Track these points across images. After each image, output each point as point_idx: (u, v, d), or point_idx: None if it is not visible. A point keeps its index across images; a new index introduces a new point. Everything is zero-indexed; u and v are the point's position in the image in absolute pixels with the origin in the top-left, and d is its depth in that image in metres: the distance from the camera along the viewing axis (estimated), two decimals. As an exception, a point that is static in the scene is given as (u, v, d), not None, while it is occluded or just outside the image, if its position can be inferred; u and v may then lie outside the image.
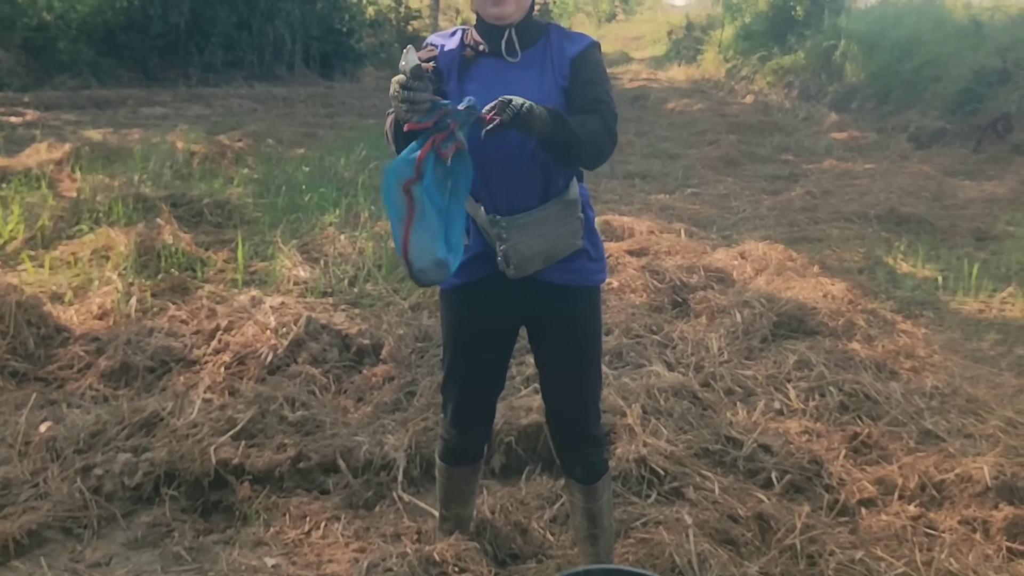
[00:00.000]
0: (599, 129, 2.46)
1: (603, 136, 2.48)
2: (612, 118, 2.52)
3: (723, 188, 10.58)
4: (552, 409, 2.88)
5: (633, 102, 20.18)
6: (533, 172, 2.53)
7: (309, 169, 9.64)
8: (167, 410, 4.04)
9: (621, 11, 58.89)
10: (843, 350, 5.07)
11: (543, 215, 2.54)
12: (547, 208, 2.56)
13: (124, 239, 6.20)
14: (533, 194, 2.56)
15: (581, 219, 2.61)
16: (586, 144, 2.43)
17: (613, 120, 2.52)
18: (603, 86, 2.57)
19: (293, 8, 21.59)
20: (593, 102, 2.52)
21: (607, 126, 2.49)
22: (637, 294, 5.96)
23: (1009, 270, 7.01)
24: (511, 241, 2.52)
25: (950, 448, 3.96)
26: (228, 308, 5.23)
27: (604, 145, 2.50)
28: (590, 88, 2.54)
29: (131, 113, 14.82)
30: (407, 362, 4.80)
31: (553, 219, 2.56)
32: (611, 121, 2.51)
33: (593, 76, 2.57)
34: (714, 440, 3.99)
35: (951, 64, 15.50)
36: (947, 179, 10.81)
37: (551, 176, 2.57)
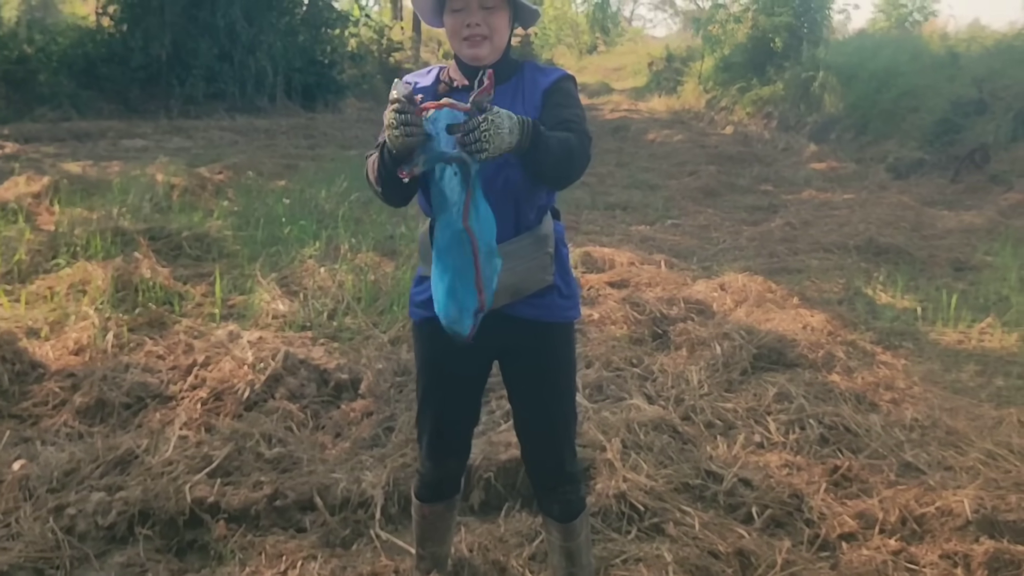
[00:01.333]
0: (574, 144, 2.43)
1: (577, 152, 2.45)
2: (584, 138, 2.49)
3: (703, 219, 10.61)
4: (526, 447, 2.86)
5: (614, 133, 20.27)
6: (504, 205, 2.51)
7: (289, 201, 9.61)
8: (142, 447, 4.00)
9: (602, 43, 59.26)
10: (823, 382, 5.06)
11: (512, 248, 2.53)
12: (517, 241, 2.55)
13: (101, 273, 6.15)
14: (505, 226, 2.53)
15: (551, 254, 2.61)
16: (559, 154, 2.39)
17: (586, 140, 2.49)
18: (574, 110, 2.56)
19: (275, 40, 21.62)
20: (562, 123, 2.49)
21: (580, 144, 2.46)
22: (617, 326, 5.95)
23: (988, 301, 7.03)
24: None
25: (930, 481, 3.95)
26: (205, 343, 5.19)
27: (577, 162, 2.47)
28: (560, 111, 2.53)
29: (111, 145, 14.77)
30: (386, 397, 4.77)
31: (522, 253, 2.55)
32: (584, 141, 2.48)
33: (564, 101, 2.57)
34: (694, 474, 3.97)
35: (928, 95, 15.66)
36: (926, 209, 10.88)
37: (522, 209, 2.56)
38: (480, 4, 2.52)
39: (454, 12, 2.56)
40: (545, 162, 2.37)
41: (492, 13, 2.53)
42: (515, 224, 2.57)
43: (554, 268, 2.64)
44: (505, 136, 2.24)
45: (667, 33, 64.40)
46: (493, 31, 2.54)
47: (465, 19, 2.54)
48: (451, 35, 2.60)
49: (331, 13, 25.01)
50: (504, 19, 2.57)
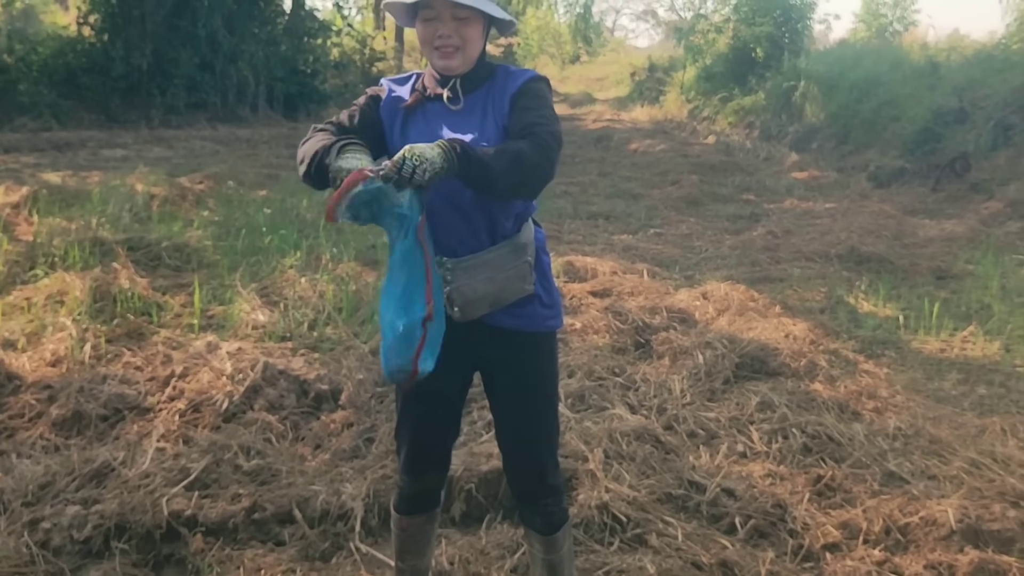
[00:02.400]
0: (524, 153, 2.33)
1: (530, 161, 2.34)
2: (550, 139, 2.39)
3: (685, 228, 10.62)
4: (507, 458, 2.82)
5: (596, 143, 20.30)
6: (477, 215, 2.49)
7: (270, 211, 9.57)
8: (119, 460, 3.94)
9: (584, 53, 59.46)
10: (805, 391, 5.05)
11: (490, 257, 2.51)
12: (495, 250, 2.52)
13: (80, 284, 6.09)
14: (480, 235, 2.52)
15: (530, 263, 2.58)
16: (502, 174, 2.30)
17: (551, 141, 2.39)
18: (541, 111, 2.48)
19: (257, 50, 21.57)
20: (526, 127, 2.42)
21: (538, 150, 2.35)
22: (600, 335, 5.93)
23: (969, 309, 7.05)
24: (456, 283, 2.49)
25: (914, 490, 3.94)
26: (184, 354, 5.14)
27: (531, 171, 2.36)
28: (524, 115, 2.47)
29: (91, 155, 14.69)
30: (366, 408, 4.73)
31: (500, 262, 2.52)
32: (546, 142, 2.38)
33: (530, 104, 2.50)
34: (677, 485, 3.95)
35: (909, 104, 15.74)
36: (907, 218, 10.92)
37: (497, 217, 2.53)
38: (453, 15, 2.48)
39: (426, 21, 2.53)
40: (485, 179, 2.30)
41: (465, 24, 2.50)
42: (491, 234, 2.54)
43: (534, 277, 2.60)
44: (435, 159, 2.19)
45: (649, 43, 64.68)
46: (465, 42, 2.51)
47: (437, 29, 2.50)
48: (423, 43, 2.57)
49: (313, 23, 24.98)
50: (477, 30, 2.53)
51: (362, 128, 2.61)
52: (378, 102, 2.67)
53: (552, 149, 2.40)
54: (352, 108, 2.69)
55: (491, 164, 2.28)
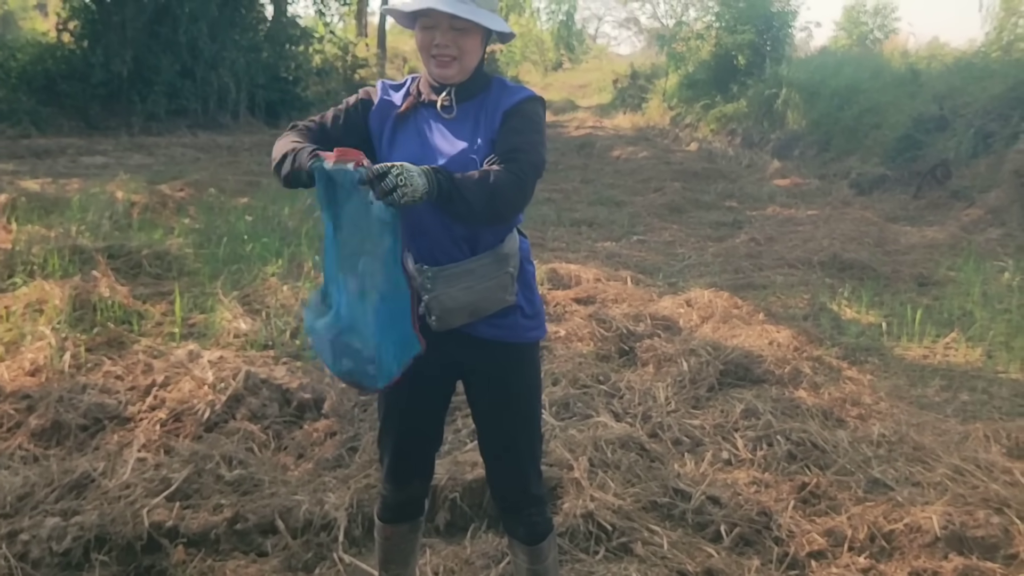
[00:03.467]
0: (503, 181, 2.33)
1: (508, 189, 2.33)
2: (528, 170, 2.39)
3: (668, 235, 10.64)
4: (489, 468, 2.80)
5: (579, 150, 20.32)
6: (456, 224, 2.47)
7: (252, 218, 9.52)
8: (99, 471, 3.90)
9: (567, 60, 59.57)
10: (790, 398, 5.05)
11: (471, 267, 2.49)
12: (476, 260, 2.50)
13: (59, 292, 6.03)
14: (461, 245, 2.50)
15: (512, 274, 2.54)
16: (478, 208, 2.30)
17: (529, 172, 2.40)
18: (528, 136, 2.46)
19: (238, 57, 21.50)
20: (510, 151, 2.41)
21: (517, 178, 2.36)
22: (584, 343, 5.92)
23: (952, 315, 7.07)
24: (434, 292, 2.47)
25: (898, 497, 3.94)
26: (165, 363, 5.09)
27: (509, 199, 2.36)
28: (512, 137, 2.45)
29: (71, 162, 14.58)
30: (349, 416, 4.70)
31: (481, 272, 2.49)
32: (526, 172, 2.38)
33: (520, 126, 2.48)
34: (662, 493, 3.93)
35: (890, 112, 15.81)
36: (889, 225, 10.96)
37: (479, 228, 2.51)
38: (451, 25, 2.46)
39: (424, 29, 2.51)
40: (461, 211, 2.30)
41: (463, 35, 2.47)
42: (471, 243, 2.51)
43: (516, 288, 2.58)
44: (418, 181, 2.19)
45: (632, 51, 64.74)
46: (463, 52, 2.49)
47: (435, 37, 2.48)
48: (420, 49, 2.55)
49: (295, 30, 24.93)
50: (475, 41, 2.51)
51: (345, 131, 2.60)
52: (368, 107, 2.64)
53: (529, 181, 2.40)
54: (338, 108, 2.67)
55: (470, 198, 2.28)
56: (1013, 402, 5.38)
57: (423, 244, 2.51)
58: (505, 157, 2.40)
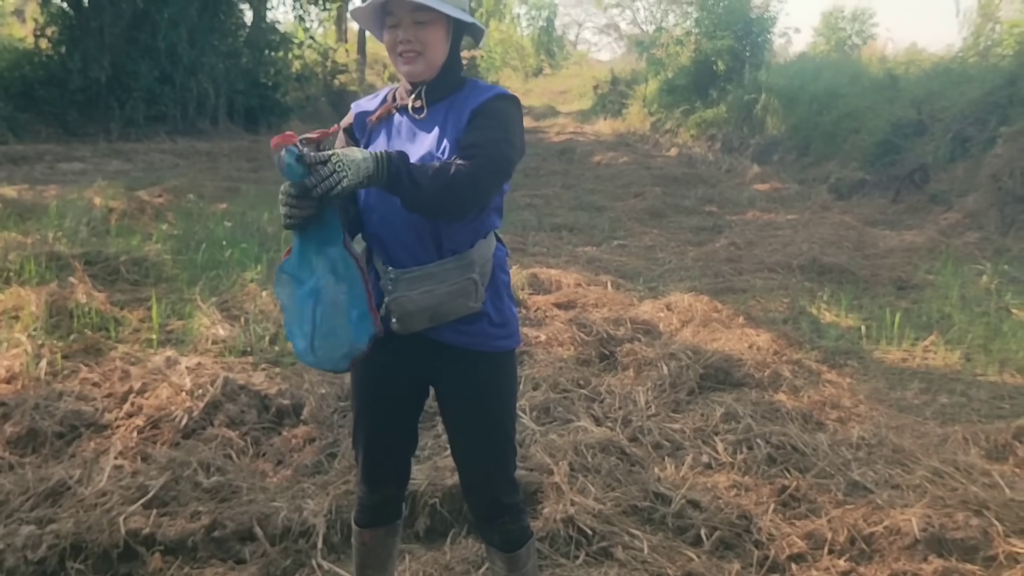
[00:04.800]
0: (458, 175, 2.31)
1: (462, 183, 2.31)
2: (486, 165, 2.37)
3: (649, 240, 10.65)
4: (461, 476, 2.79)
5: (560, 155, 20.35)
6: (424, 224, 2.45)
7: (231, 224, 9.49)
8: (75, 478, 3.86)
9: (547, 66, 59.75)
10: (769, 401, 5.06)
11: (434, 271, 2.47)
12: (440, 264, 2.48)
13: (35, 298, 5.98)
14: (427, 247, 2.48)
15: (475, 280, 2.50)
16: (431, 193, 2.29)
17: (487, 168, 2.37)
18: (490, 133, 2.44)
19: (217, 62, 21.42)
20: (471, 146, 2.40)
21: (473, 173, 2.33)
22: (564, 347, 5.92)
23: (930, 319, 7.11)
24: (395, 294, 2.46)
25: (878, 500, 3.95)
26: (142, 369, 5.06)
27: (461, 193, 2.34)
28: (475, 132, 2.44)
29: (48, 169, 14.48)
30: (329, 422, 4.68)
31: (443, 276, 2.47)
32: (484, 167, 2.36)
33: (484, 123, 2.46)
34: (642, 497, 3.92)
35: (869, 116, 15.90)
36: (867, 229, 11.00)
37: (445, 231, 2.49)
38: (412, 19, 2.47)
39: (390, 28, 2.52)
40: (413, 195, 2.30)
41: (425, 28, 2.47)
42: (438, 246, 2.49)
43: (484, 295, 2.54)
44: (360, 164, 2.20)
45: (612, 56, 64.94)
46: (426, 46, 2.48)
47: (398, 35, 2.50)
48: (388, 50, 2.56)
49: (275, 35, 24.87)
50: (439, 34, 2.50)
51: None
52: (351, 132, 2.66)
53: (484, 176, 2.38)
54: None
55: (421, 183, 2.28)
56: (991, 404, 5.41)
57: (389, 244, 2.51)
58: (464, 154, 2.39)
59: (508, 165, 2.46)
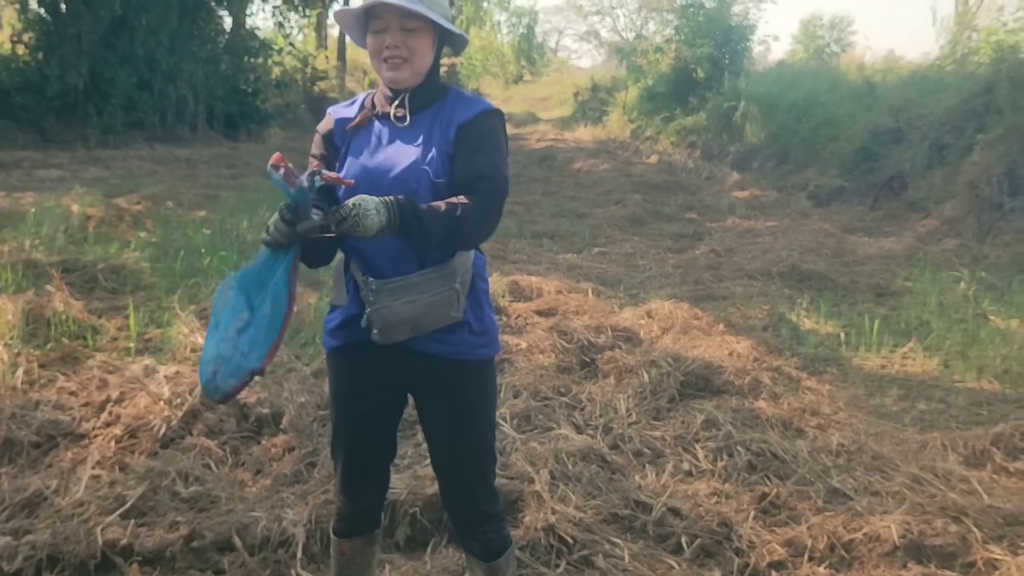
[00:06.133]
0: (468, 216, 2.35)
1: (472, 224, 2.37)
2: (494, 199, 2.43)
3: (629, 247, 10.67)
4: (440, 485, 2.79)
5: (540, 162, 20.37)
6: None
7: (210, 232, 9.42)
8: (51, 488, 3.82)
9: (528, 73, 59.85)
10: (750, 408, 5.07)
11: (416, 281, 2.45)
12: (422, 275, 2.46)
13: (12, 307, 5.92)
14: (408, 258, 2.47)
15: (458, 290, 2.49)
16: (442, 239, 2.34)
17: (496, 199, 2.43)
18: (490, 156, 2.46)
19: (196, 69, 21.34)
20: (474, 179, 2.42)
21: (482, 211, 2.38)
22: (545, 355, 5.91)
23: (909, 325, 7.14)
24: (376, 305, 2.44)
25: (857, 507, 3.96)
26: (120, 378, 5.01)
27: (471, 234, 2.41)
28: (475, 159, 2.44)
29: (25, 176, 14.33)
30: (308, 431, 4.65)
31: (425, 286, 2.45)
32: (491, 203, 2.42)
33: (480, 145, 2.47)
34: (623, 505, 3.92)
35: (847, 124, 16.00)
36: (846, 236, 11.08)
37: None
38: (400, 26, 2.46)
39: (375, 33, 2.51)
40: (425, 240, 2.32)
41: (412, 35, 2.47)
42: (420, 257, 2.48)
43: (464, 304, 2.53)
44: (373, 216, 2.21)
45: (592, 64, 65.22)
46: (413, 53, 2.48)
47: (384, 40, 2.48)
48: (372, 56, 2.55)
49: (254, 41, 24.81)
50: (426, 42, 2.50)
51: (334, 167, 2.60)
52: (330, 138, 2.64)
53: (495, 212, 2.43)
54: (315, 155, 2.66)
55: (431, 228, 2.30)
56: (969, 411, 5.44)
57: (370, 255, 2.50)
58: (471, 186, 2.40)
59: (507, 185, 2.50)
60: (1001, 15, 16.11)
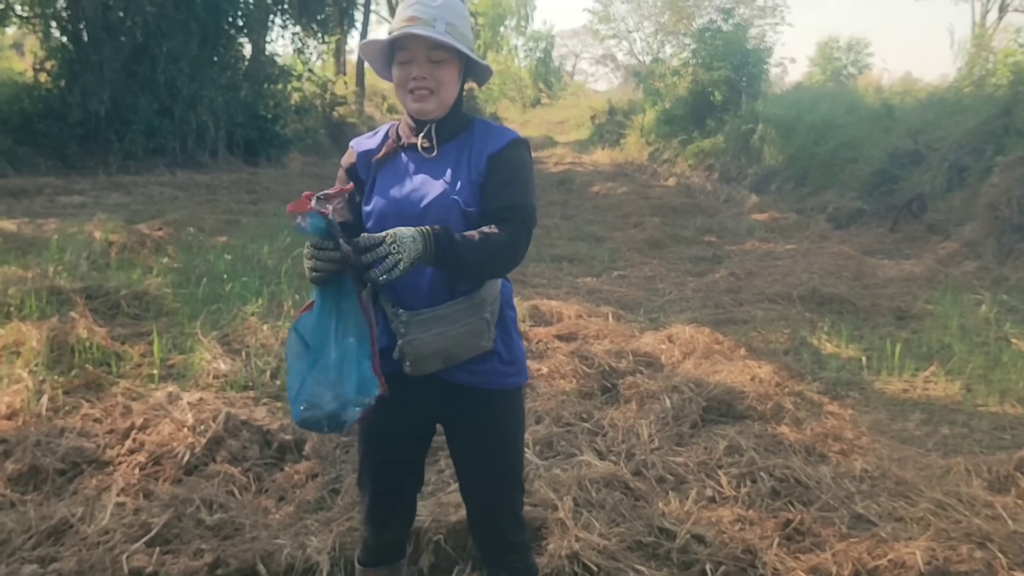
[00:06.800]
0: (500, 245, 2.38)
1: (503, 252, 2.41)
2: (524, 228, 2.46)
3: (649, 270, 10.66)
4: (469, 513, 2.80)
5: (558, 185, 20.41)
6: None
7: (231, 257, 9.48)
8: (77, 516, 3.84)
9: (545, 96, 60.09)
10: (772, 434, 5.05)
11: (446, 312, 2.46)
12: (452, 305, 2.48)
13: (36, 334, 5.97)
14: (439, 288, 2.49)
15: (488, 320, 2.51)
16: (475, 267, 2.38)
17: (525, 230, 2.46)
18: (519, 187, 2.49)
19: (217, 95, 21.52)
20: (505, 209, 2.45)
21: (513, 240, 2.42)
22: (567, 380, 5.91)
23: (930, 349, 7.11)
24: (408, 336, 2.45)
25: (882, 533, 3.93)
26: (144, 405, 5.04)
27: (502, 262, 2.45)
28: (504, 191, 2.47)
29: (48, 202, 14.47)
30: (331, 458, 4.66)
31: (455, 317, 2.46)
32: (521, 231, 2.45)
33: (510, 176, 2.49)
34: (647, 532, 3.91)
35: (865, 146, 15.98)
36: (866, 259, 11.03)
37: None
38: (427, 57, 2.48)
39: (401, 64, 2.52)
40: (459, 269, 2.36)
41: (440, 67, 2.49)
42: (450, 288, 2.50)
43: (494, 333, 2.55)
44: (411, 244, 2.23)
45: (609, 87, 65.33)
46: (440, 85, 2.50)
47: (411, 71, 2.49)
48: (397, 87, 2.56)
49: (273, 68, 24.99)
50: (452, 73, 2.52)
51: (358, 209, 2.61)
52: (354, 172, 2.65)
53: (524, 241, 2.47)
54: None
55: (466, 257, 2.32)
56: (993, 435, 5.40)
57: (399, 287, 2.49)
58: (500, 215, 2.43)
59: (535, 214, 2.52)
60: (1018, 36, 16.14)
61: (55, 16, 20.16)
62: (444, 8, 2.47)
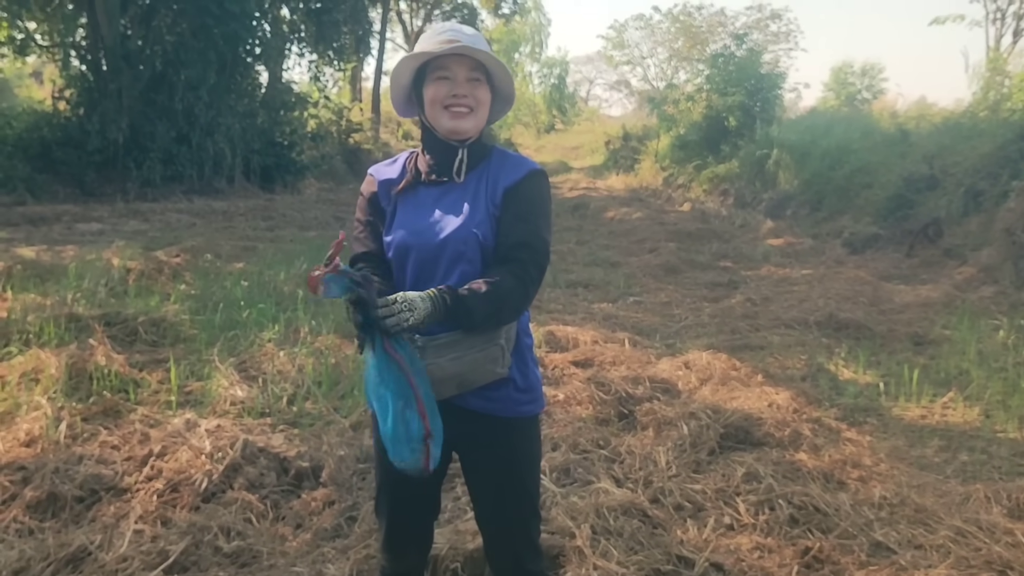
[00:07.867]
0: (509, 292, 2.39)
1: (512, 299, 2.41)
2: (533, 268, 2.45)
3: (664, 296, 10.66)
4: (485, 541, 2.79)
5: (573, 211, 20.45)
6: None
7: (248, 284, 9.52)
8: (95, 543, 3.85)
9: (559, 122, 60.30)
10: (790, 461, 5.02)
11: (461, 338, 2.45)
12: (468, 331, 2.48)
13: (55, 361, 6.01)
14: None
15: (503, 346, 2.50)
16: (485, 319, 2.38)
17: (535, 269, 2.45)
18: (533, 224, 2.49)
19: (234, 122, 21.68)
20: (517, 246, 2.44)
21: (522, 283, 2.42)
22: (583, 407, 5.90)
23: (948, 375, 7.07)
24: (425, 361, 2.43)
25: (901, 561, 3.90)
26: (162, 432, 5.05)
27: (512, 308, 2.44)
28: (517, 227, 2.47)
29: (66, 230, 14.58)
30: (348, 484, 4.66)
31: (470, 342, 2.45)
32: (530, 271, 2.44)
33: (524, 211, 2.49)
34: (665, 560, 3.89)
35: (881, 171, 15.96)
36: (883, 284, 10.99)
37: None
38: (468, 76, 2.49)
39: (438, 80, 2.50)
40: (470, 323, 2.38)
41: (478, 86, 2.50)
42: None
43: (510, 360, 2.54)
44: (420, 306, 2.27)
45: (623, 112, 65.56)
46: (479, 104, 2.51)
47: (452, 88, 2.48)
48: (431, 104, 2.52)
49: (290, 95, 25.18)
50: (487, 96, 2.54)
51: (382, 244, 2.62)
52: (375, 200, 2.65)
53: (535, 284, 2.47)
54: (358, 228, 2.67)
55: (475, 311, 2.34)
56: (1012, 462, 5.36)
57: None
58: (511, 254, 2.44)
59: (548, 250, 2.52)
60: (1033, 61, 16.10)
61: (74, 45, 20.44)
62: (477, 38, 2.50)
